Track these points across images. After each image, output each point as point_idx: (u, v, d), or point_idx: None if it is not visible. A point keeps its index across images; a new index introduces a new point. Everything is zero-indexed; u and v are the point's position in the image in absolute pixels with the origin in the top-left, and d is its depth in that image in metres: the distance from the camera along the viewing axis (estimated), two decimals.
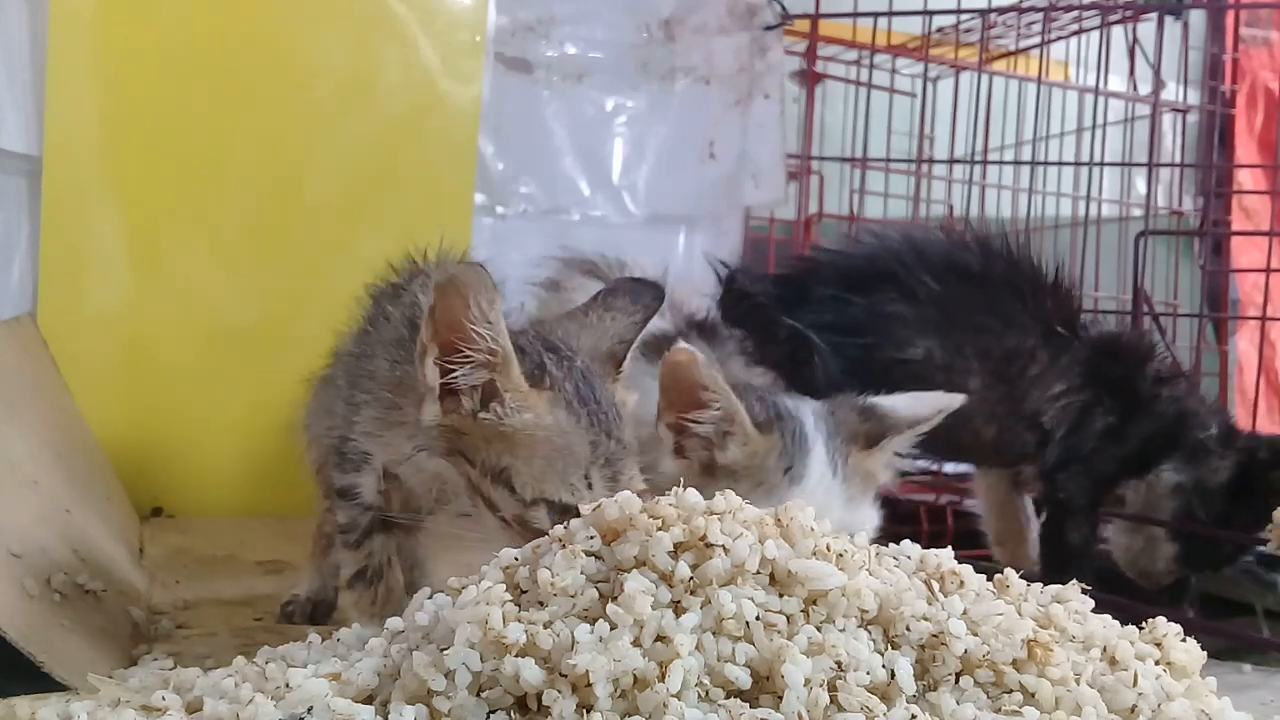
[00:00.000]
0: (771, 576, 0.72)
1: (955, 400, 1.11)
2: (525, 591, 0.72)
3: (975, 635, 0.71)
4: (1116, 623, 0.80)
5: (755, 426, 1.03)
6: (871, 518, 1.07)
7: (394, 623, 0.76)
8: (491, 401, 0.85)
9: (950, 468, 1.89)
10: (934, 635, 0.71)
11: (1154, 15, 2.00)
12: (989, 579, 0.80)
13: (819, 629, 0.70)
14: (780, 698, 0.66)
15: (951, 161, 2.18)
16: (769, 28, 2.02)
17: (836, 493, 1.04)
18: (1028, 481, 1.45)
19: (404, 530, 1.03)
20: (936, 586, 0.76)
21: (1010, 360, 1.34)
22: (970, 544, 1.50)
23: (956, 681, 0.70)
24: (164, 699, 0.75)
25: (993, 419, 1.35)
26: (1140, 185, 2.37)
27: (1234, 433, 1.38)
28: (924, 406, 1.11)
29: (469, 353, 0.84)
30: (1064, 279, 1.39)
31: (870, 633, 0.71)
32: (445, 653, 0.67)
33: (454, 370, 0.84)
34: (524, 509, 0.85)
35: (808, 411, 1.07)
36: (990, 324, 1.34)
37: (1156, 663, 0.76)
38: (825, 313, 1.33)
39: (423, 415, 0.87)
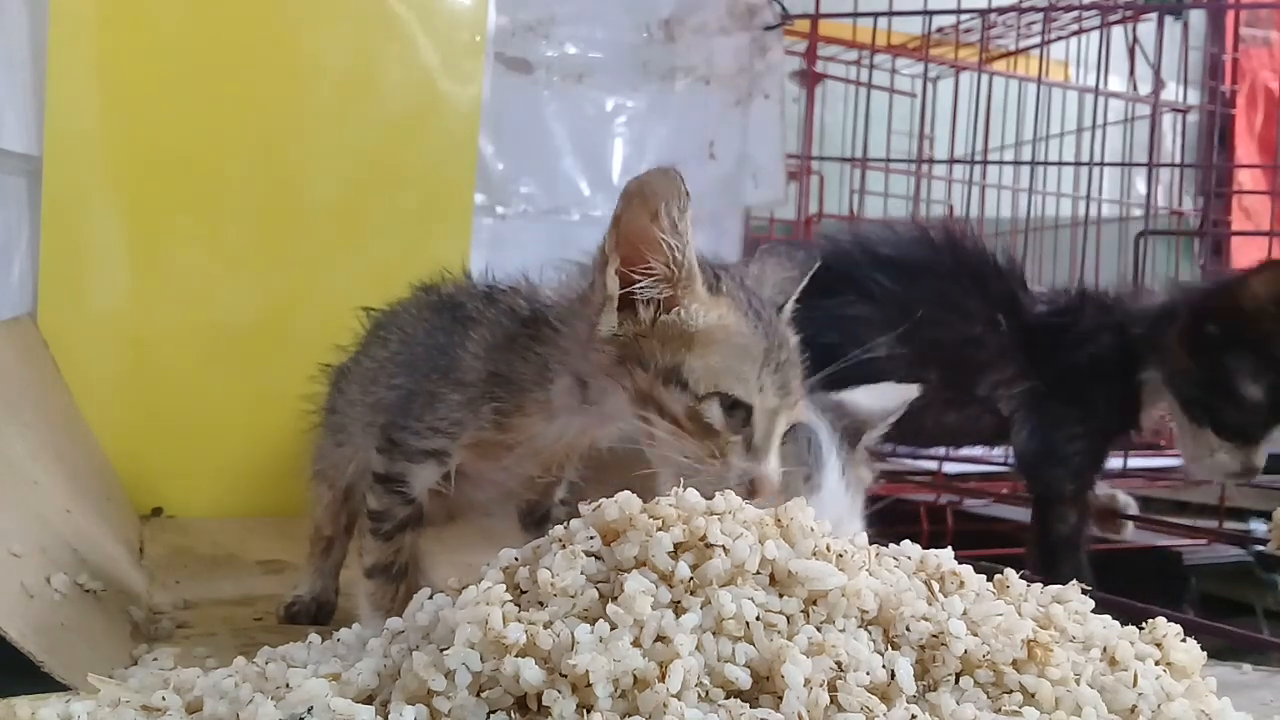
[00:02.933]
0: (771, 577, 0.72)
1: (913, 390, 1.12)
2: (525, 591, 0.72)
3: (975, 635, 0.71)
4: (1116, 623, 0.80)
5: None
6: (860, 522, 1.07)
7: (394, 623, 0.76)
8: (673, 308, 0.84)
9: (950, 468, 1.90)
10: (934, 635, 0.71)
11: (1154, 15, 2.00)
12: (989, 579, 0.80)
13: (819, 629, 0.70)
14: (780, 698, 0.66)
15: (951, 161, 2.18)
16: (769, 28, 2.02)
17: (844, 502, 1.04)
18: None
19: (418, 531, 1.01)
20: (936, 587, 0.76)
21: (961, 348, 1.35)
22: (970, 544, 1.50)
23: (956, 682, 0.70)
24: (164, 699, 0.75)
25: (951, 406, 1.37)
26: (1140, 185, 2.38)
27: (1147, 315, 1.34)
28: (890, 399, 1.12)
29: (654, 265, 0.82)
30: (1005, 264, 1.40)
31: (870, 633, 0.71)
32: (445, 653, 0.67)
33: (637, 280, 0.83)
34: (696, 403, 0.83)
35: (818, 419, 1.07)
36: (942, 316, 1.35)
37: (1156, 663, 0.76)
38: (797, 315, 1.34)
39: (599, 327, 0.85)
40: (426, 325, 1.01)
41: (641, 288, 0.83)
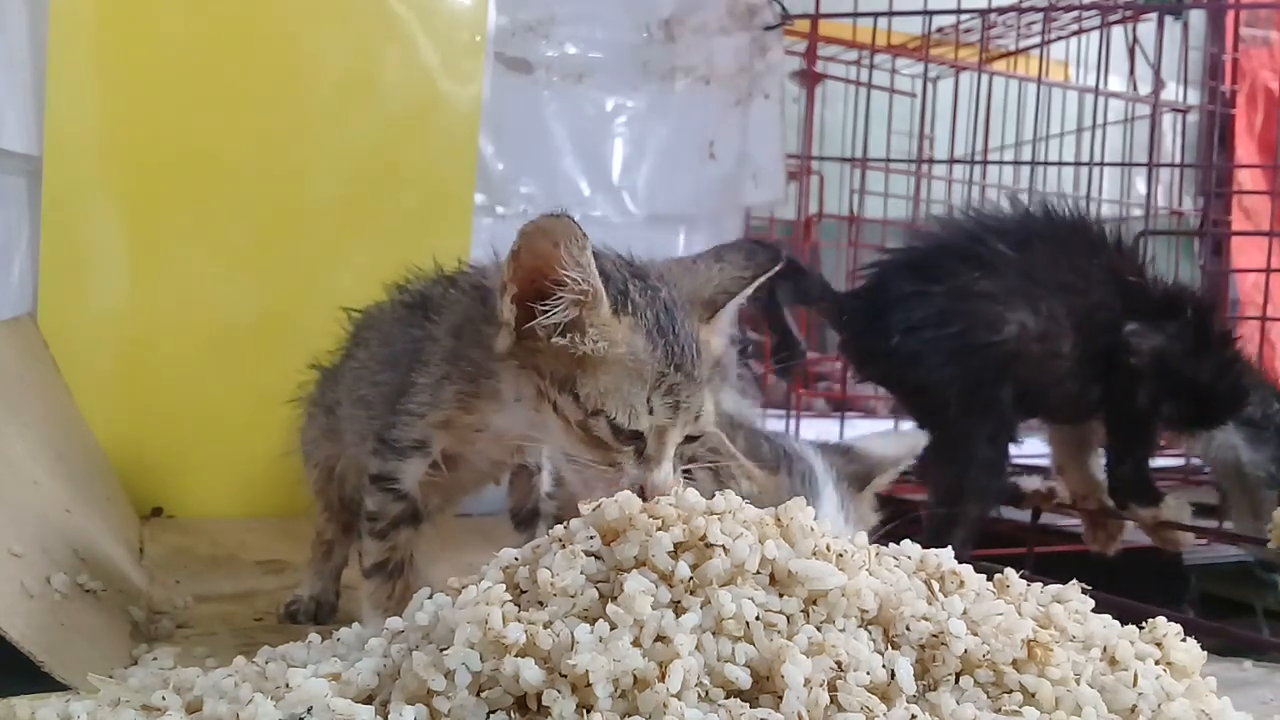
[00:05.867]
0: (771, 576, 0.72)
1: (922, 439, 1.13)
2: (525, 591, 0.72)
3: (975, 635, 0.71)
4: (1116, 623, 0.80)
5: (763, 466, 1.03)
6: None
7: (394, 623, 0.76)
8: (571, 332, 0.85)
9: None
10: (934, 635, 0.71)
11: (1154, 15, 2.00)
12: (989, 579, 0.80)
13: (819, 629, 0.70)
14: (780, 698, 0.66)
15: (951, 161, 2.18)
16: (769, 28, 2.02)
17: (843, 533, 1.04)
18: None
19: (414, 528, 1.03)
20: (936, 586, 0.76)
21: (1093, 313, 1.36)
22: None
23: (956, 681, 0.70)
24: (164, 699, 0.75)
25: (1079, 377, 1.37)
26: (1140, 185, 2.38)
27: None
28: (900, 447, 1.13)
29: (561, 295, 0.84)
30: (1123, 235, 1.42)
31: (870, 633, 0.71)
32: (445, 653, 0.67)
33: (544, 309, 0.85)
34: (585, 416, 0.86)
35: (814, 454, 1.08)
36: (1073, 282, 1.36)
37: (1156, 662, 0.76)
38: (913, 309, 1.35)
39: (496, 345, 0.88)
40: (403, 322, 1.04)
41: (545, 312, 0.85)
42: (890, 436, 1.15)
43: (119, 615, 1.04)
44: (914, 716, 0.66)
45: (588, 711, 0.64)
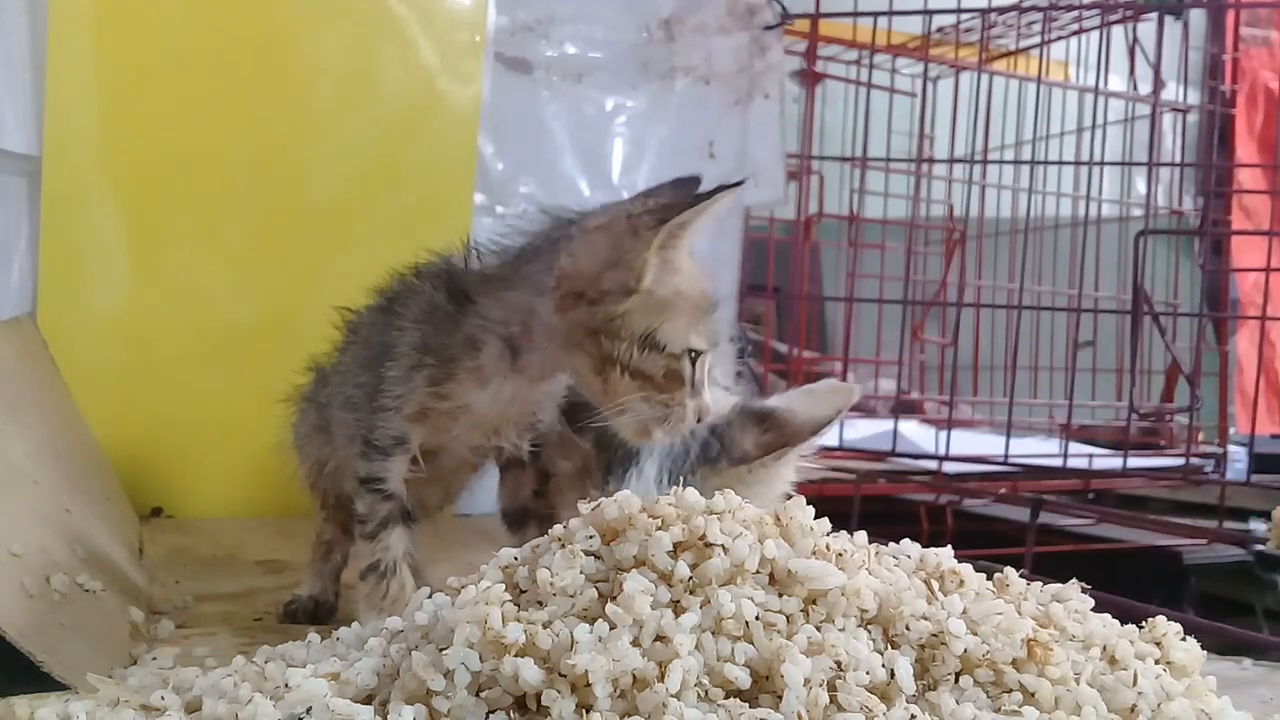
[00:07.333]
0: (771, 576, 0.72)
1: (853, 393, 1.06)
2: (524, 591, 0.72)
3: (975, 635, 0.71)
4: (1116, 622, 0.80)
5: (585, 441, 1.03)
6: None
7: (393, 622, 0.76)
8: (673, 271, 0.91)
9: (950, 467, 1.90)
10: (934, 635, 0.71)
11: (1154, 15, 2.00)
12: (989, 578, 0.80)
13: (818, 628, 0.70)
14: (780, 697, 0.66)
15: (951, 161, 2.18)
16: (769, 27, 2.02)
17: None
18: None
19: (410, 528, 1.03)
20: (936, 586, 0.76)
21: None
22: (970, 544, 1.50)
23: (956, 681, 0.70)
24: (163, 699, 0.75)
25: None
26: (1140, 185, 2.38)
27: None
28: (827, 407, 1.04)
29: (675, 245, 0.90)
30: None
31: (870, 632, 0.71)
32: (444, 652, 0.67)
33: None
34: (675, 361, 0.91)
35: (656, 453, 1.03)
36: None
37: (1156, 662, 0.76)
38: None
39: (600, 309, 0.91)
40: (378, 325, 1.06)
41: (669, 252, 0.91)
42: (818, 394, 1.05)
43: (119, 615, 1.04)
44: (914, 716, 0.66)
45: (587, 711, 0.64)
